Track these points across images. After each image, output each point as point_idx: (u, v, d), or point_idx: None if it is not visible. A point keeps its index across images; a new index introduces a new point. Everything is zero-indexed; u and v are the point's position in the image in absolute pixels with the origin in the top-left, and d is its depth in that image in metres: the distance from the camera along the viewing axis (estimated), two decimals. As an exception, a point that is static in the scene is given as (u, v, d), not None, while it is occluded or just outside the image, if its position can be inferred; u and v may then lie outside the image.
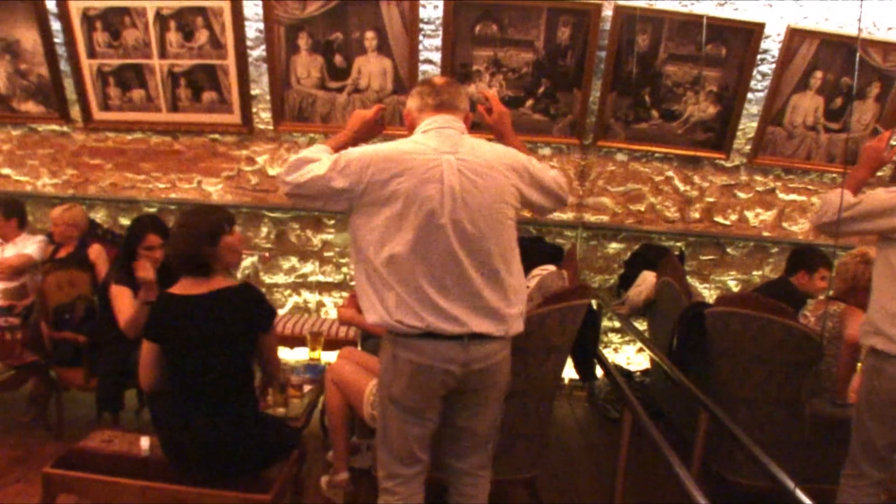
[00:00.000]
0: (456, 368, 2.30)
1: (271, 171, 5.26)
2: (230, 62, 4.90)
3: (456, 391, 2.39)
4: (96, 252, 4.54)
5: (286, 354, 4.69)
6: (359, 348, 4.20)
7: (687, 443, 3.45)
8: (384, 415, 2.45)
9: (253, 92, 5.06)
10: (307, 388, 3.54)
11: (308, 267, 5.49)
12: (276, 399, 3.28)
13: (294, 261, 5.48)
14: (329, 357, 3.83)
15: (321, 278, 5.51)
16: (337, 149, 2.41)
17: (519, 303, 2.43)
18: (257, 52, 4.95)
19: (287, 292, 5.53)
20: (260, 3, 4.76)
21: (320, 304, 5.50)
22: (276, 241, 5.43)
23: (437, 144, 2.28)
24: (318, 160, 2.29)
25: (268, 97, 5.05)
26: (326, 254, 5.46)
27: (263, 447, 2.68)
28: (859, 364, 3.89)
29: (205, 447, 2.57)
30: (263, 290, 5.40)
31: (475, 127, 2.59)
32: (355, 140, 2.55)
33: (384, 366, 2.40)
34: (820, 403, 3.55)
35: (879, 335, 2.80)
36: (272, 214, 5.40)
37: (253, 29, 4.87)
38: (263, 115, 5.15)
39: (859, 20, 4.86)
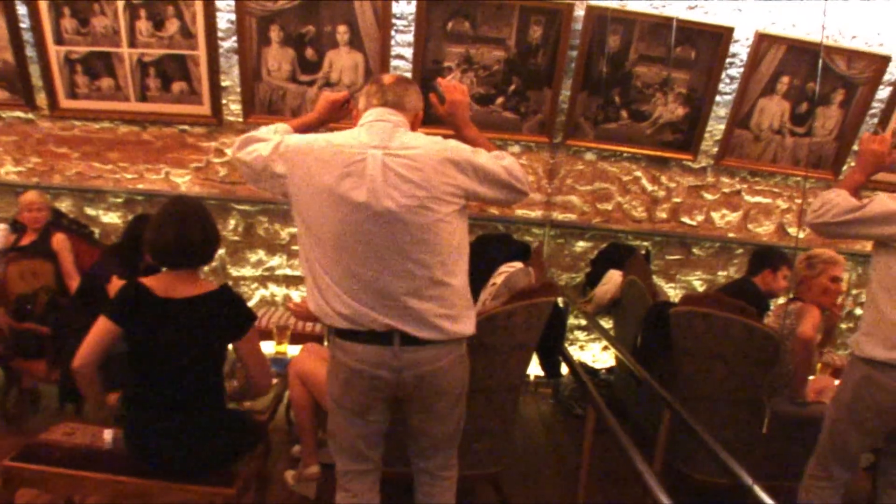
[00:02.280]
0: (387, 374, 2.29)
1: (240, 164, 5.23)
2: (201, 53, 4.86)
3: (399, 396, 2.38)
4: (59, 241, 4.48)
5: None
6: (325, 343, 4.20)
7: (650, 440, 3.49)
8: (331, 412, 2.47)
9: (223, 83, 5.02)
10: (273, 381, 3.52)
11: (275, 260, 5.47)
12: (242, 392, 3.26)
13: (261, 254, 5.45)
14: (295, 351, 3.83)
15: (289, 272, 5.49)
16: (298, 129, 2.45)
17: (458, 305, 2.33)
18: (228, 44, 4.91)
19: (254, 285, 5.50)
20: (232, -7, 4.73)
21: (287, 298, 5.48)
22: (243, 234, 5.40)
23: (367, 138, 2.24)
24: (267, 140, 2.32)
25: (238, 89, 5.01)
26: (294, 247, 5.43)
27: (229, 442, 2.67)
28: (819, 364, 3.98)
29: (170, 443, 2.54)
30: (230, 282, 5.38)
31: (434, 121, 2.61)
32: (320, 122, 2.59)
33: (328, 365, 2.42)
34: (780, 402, 3.61)
35: (875, 345, 2.75)
36: (240, 207, 5.36)
37: (224, 20, 4.83)
38: (233, 107, 5.11)
39: (823, 27, 4.94)
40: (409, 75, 4.83)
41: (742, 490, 2.44)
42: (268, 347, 3.98)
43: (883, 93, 5.20)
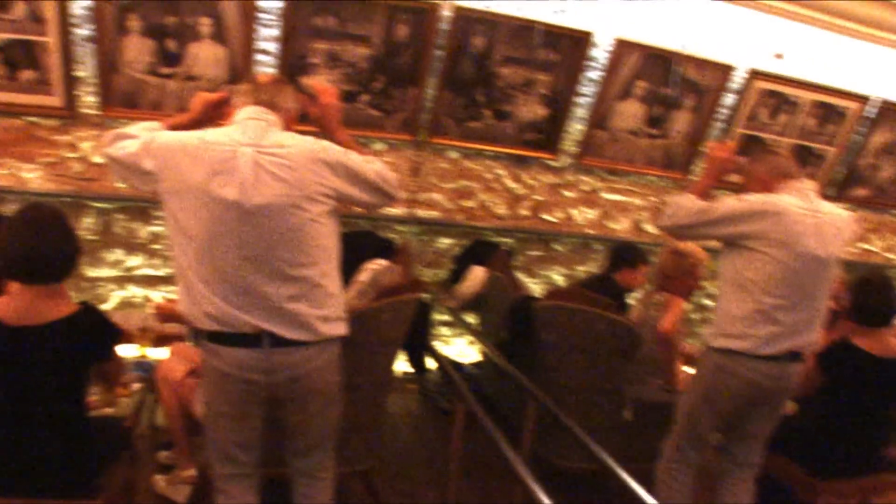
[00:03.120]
0: (258, 377, 2.27)
1: (96, 159, 5.00)
2: (52, 39, 4.56)
3: (273, 398, 2.37)
4: None
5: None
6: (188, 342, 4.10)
7: (517, 431, 3.59)
8: (205, 416, 2.46)
9: (78, 74, 4.78)
10: (136, 386, 3.42)
11: (135, 260, 5.26)
12: (103, 398, 3.15)
13: (119, 253, 5.23)
14: (158, 353, 3.72)
15: (149, 272, 5.29)
16: (172, 128, 2.39)
17: (332, 306, 2.36)
18: (83, 32, 4.67)
19: (111, 287, 5.27)
20: (87, -22, 4.49)
21: (147, 300, 5.28)
22: (101, 233, 5.17)
23: (239, 136, 2.23)
24: (137, 137, 2.28)
25: (94, 80, 4.78)
26: (154, 246, 5.25)
27: (92, 453, 2.53)
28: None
29: (26, 459, 2.37)
30: (85, 283, 5.13)
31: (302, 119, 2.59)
32: (194, 122, 2.50)
33: (201, 370, 2.41)
34: (649, 391, 3.82)
35: (726, 336, 2.96)
36: (97, 204, 5.12)
37: (78, 6, 4.58)
38: (88, 99, 4.86)
39: (677, 36, 5.21)
40: (273, 71, 4.77)
41: (607, 474, 2.57)
42: (130, 350, 3.86)
43: (728, 99, 5.56)
